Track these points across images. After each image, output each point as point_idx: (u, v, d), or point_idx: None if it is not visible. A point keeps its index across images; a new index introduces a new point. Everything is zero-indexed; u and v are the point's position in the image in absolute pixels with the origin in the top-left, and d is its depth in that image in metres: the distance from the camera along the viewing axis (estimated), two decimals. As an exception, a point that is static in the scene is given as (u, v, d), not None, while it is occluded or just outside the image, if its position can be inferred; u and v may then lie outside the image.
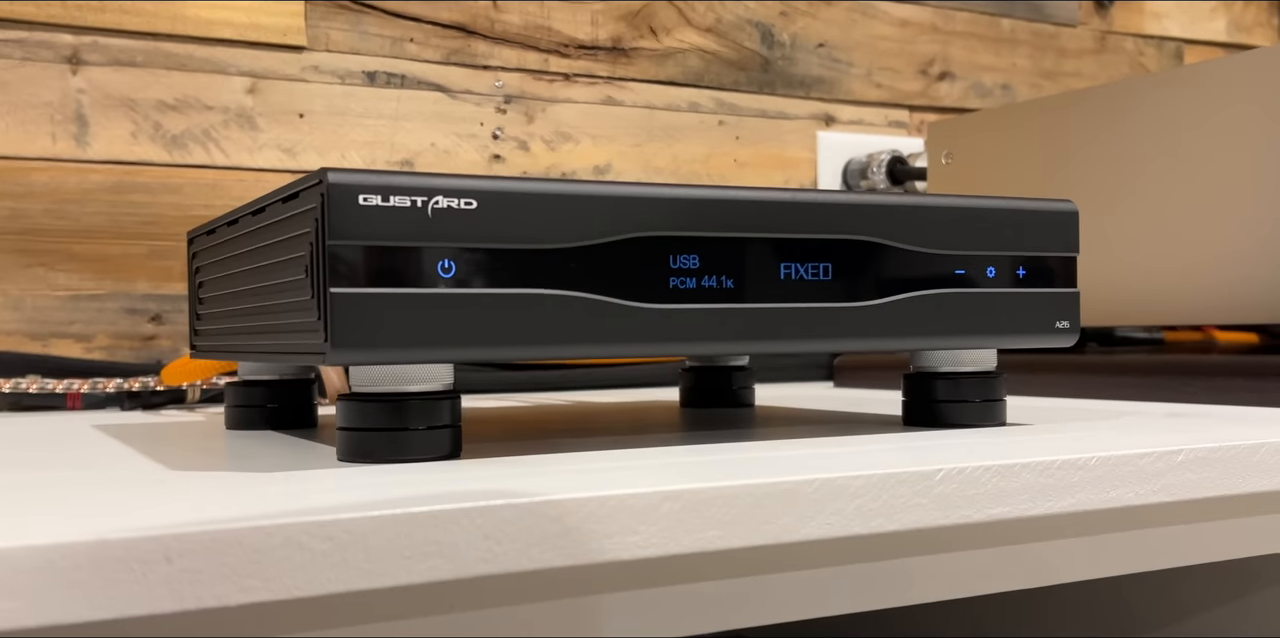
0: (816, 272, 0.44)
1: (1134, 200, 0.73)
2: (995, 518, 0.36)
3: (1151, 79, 0.72)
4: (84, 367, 0.75)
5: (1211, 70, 0.69)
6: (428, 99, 0.86)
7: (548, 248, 0.39)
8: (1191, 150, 0.70)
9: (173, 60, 0.79)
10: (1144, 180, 0.72)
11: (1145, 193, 0.72)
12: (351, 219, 0.36)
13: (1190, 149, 0.70)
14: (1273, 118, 0.65)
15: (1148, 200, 0.72)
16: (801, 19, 0.99)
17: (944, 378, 0.49)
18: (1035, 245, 0.48)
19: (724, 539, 0.32)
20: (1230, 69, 0.67)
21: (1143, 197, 0.72)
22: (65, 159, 0.77)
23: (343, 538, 0.28)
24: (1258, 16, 1.21)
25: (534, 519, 0.30)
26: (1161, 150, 0.71)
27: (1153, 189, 0.72)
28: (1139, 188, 0.73)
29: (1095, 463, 0.38)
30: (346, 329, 0.36)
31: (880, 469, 0.34)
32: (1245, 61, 0.67)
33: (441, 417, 0.39)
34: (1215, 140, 0.68)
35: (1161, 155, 0.71)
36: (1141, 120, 0.73)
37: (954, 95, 1.06)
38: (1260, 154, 0.66)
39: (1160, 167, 0.71)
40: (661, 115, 0.94)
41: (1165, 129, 0.71)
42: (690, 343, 0.42)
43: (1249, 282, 0.66)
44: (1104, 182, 0.75)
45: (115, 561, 0.25)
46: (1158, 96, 0.71)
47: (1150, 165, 0.72)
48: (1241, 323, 0.67)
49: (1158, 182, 0.72)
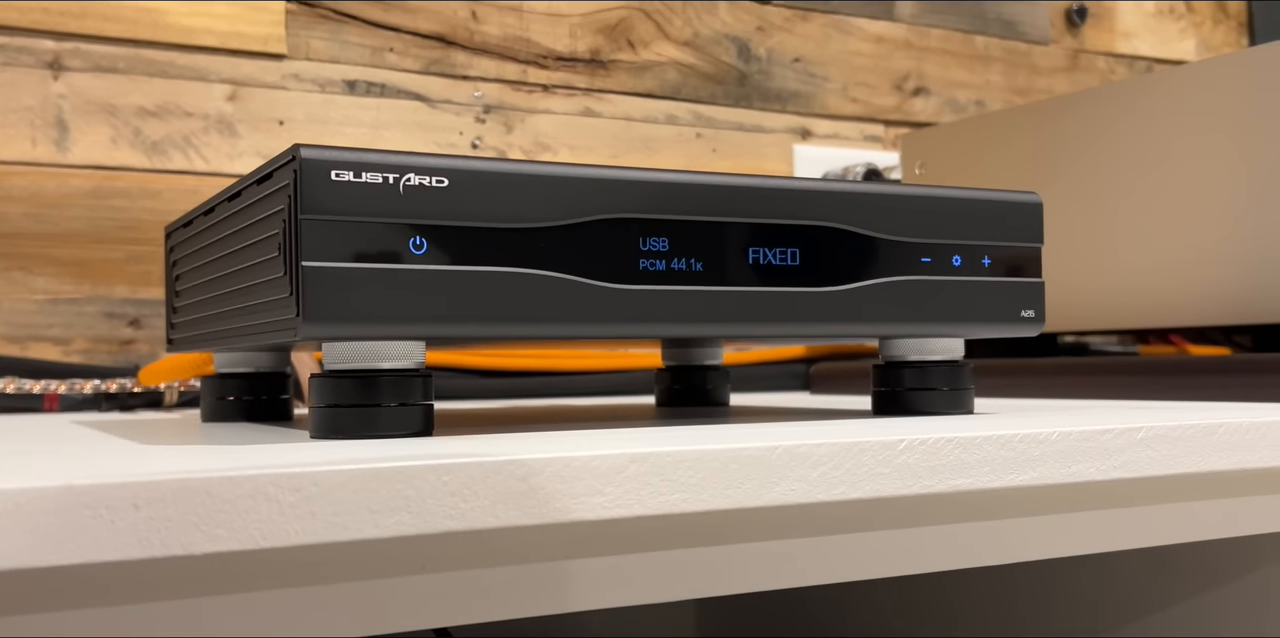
0: (785, 256, 0.44)
1: (1105, 206, 0.74)
2: (957, 489, 0.37)
3: (1120, 87, 0.73)
4: (62, 369, 0.75)
5: (1181, 77, 0.70)
6: (407, 108, 0.87)
7: (518, 227, 0.40)
8: (1162, 156, 0.71)
9: (154, 67, 0.80)
10: (1115, 187, 0.74)
11: (1116, 199, 0.73)
12: (324, 194, 0.37)
13: (1161, 155, 0.71)
14: (1241, 123, 0.67)
15: (1119, 206, 0.73)
16: (778, 34, 1.01)
17: (912, 367, 0.49)
18: (1001, 235, 0.49)
19: (688, 502, 0.33)
20: (1199, 75, 0.69)
21: (1114, 202, 0.74)
22: (45, 163, 0.77)
23: (310, 490, 0.28)
24: (1226, 37, 1.23)
25: (500, 478, 0.30)
26: (1132, 157, 0.73)
27: (1123, 195, 0.73)
28: (1110, 194, 0.74)
29: (1056, 437, 0.39)
30: (318, 303, 0.36)
31: (844, 438, 0.35)
32: (1213, 68, 0.68)
33: (414, 394, 0.40)
34: (1185, 146, 0.70)
35: (1132, 162, 0.73)
36: (1112, 127, 0.74)
37: (928, 111, 1.08)
38: (1228, 159, 0.67)
39: (1131, 173, 0.73)
40: (639, 127, 0.95)
41: (1136, 136, 0.72)
42: (658, 324, 0.42)
43: (1217, 284, 0.68)
44: (1075, 188, 0.76)
45: (83, 506, 0.26)
46: (1128, 104, 0.73)
47: (1121, 172, 0.73)
48: (1211, 324, 0.68)
49: (1128, 188, 0.73)
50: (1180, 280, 0.69)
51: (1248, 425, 0.42)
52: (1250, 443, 0.43)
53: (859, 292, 0.46)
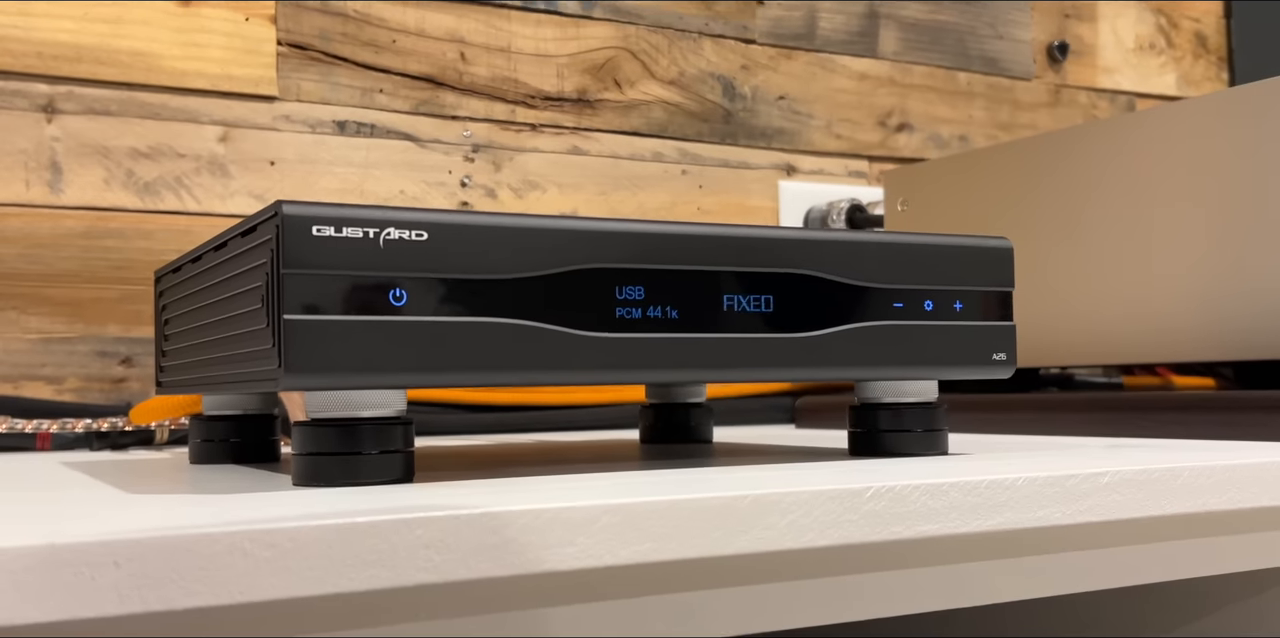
0: (759, 303, 0.45)
1: (1086, 243, 0.75)
2: (924, 535, 0.38)
3: (1101, 125, 0.74)
4: (54, 408, 0.76)
5: (1159, 116, 0.71)
6: (397, 148, 0.88)
7: (497, 278, 0.41)
8: (1142, 194, 0.72)
9: (146, 109, 0.81)
10: (1095, 223, 0.75)
11: (1097, 236, 0.75)
12: (305, 249, 0.38)
13: (1141, 193, 0.72)
14: (1221, 162, 0.68)
15: (1099, 243, 0.74)
16: (762, 72, 1.02)
17: (887, 409, 0.50)
18: (972, 280, 0.50)
19: (659, 551, 0.33)
20: (1180, 115, 0.70)
21: (1094, 239, 0.75)
22: (39, 205, 0.78)
23: (286, 546, 0.29)
24: (1206, 71, 1.25)
25: (473, 531, 0.31)
26: (1113, 194, 0.74)
27: (1104, 232, 0.74)
28: (1091, 231, 0.75)
29: (1022, 483, 0.39)
30: (299, 355, 0.37)
31: (811, 487, 0.36)
32: (1194, 107, 0.69)
33: (394, 442, 0.40)
34: (1166, 184, 0.71)
35: (1113, 199, 0.74)
36: (1094, 165, 0.75)
37: (912, 146, 1.09)
38: (1208, 197, 0.68)
39: (1112, 210, 0.74)
40: (626, 165, 0.96)
41: (1117, 174, 0.74)
42: (635, 371, 0.43)
43: (1196, 322, 0.69)
44: (1056, 225, 0.77)
45: (64, 564, 0.27)
46: (1109, 142, 0.74)
47: (1102, 209, 0.74)
48: (1190, 361, 0.69)
49: (1109, 224, 0.74)
50: (1159, 317, 0.70)
51: (1211, 469, 0.43)
52: (1214, 486, 0.43)
53: (832, 337, 0.47)
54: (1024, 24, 1.15)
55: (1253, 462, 0.45)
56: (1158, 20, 1.23)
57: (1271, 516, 0.46)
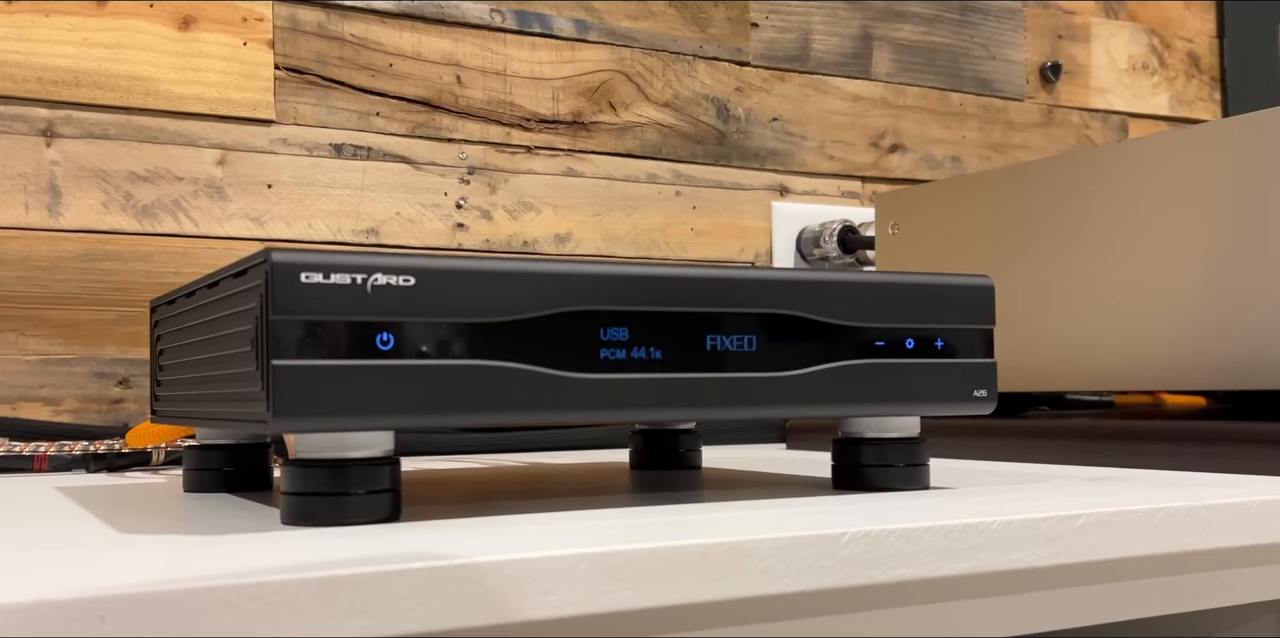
0: (741, 343, 0.46)
1: (1077, 269, 0.76)
2: (900, 579, 0.38)
3: (1093, 153, 0.75)
4: (52, 429, 0.77)
5: (1152, 145, 0.72)
6: (393, 170, 0.89)
7: (482, 322, 0.42)
8: (1133, 221, 0.73)
9: (144, 133, 0.82)
10: (1086, 250, 0.75)
11: (1087, 262, 0.75)
12: (294, 296, 0.39)
13: (1132, 220, 0.73)
14: (1212, 191, 0.69)
15: (1090, 269, 0.75)
16: (756, 94, 1.03)
17: (869, 443, 0.51)
18: (953, 318, 0.51)
19: (637, 599, 0.34)
20: (1170, 144, 0.71)
21: (1085, 265, 0.76)
22: (38, 228, 0.79)
23: (271, 598, 0.30)
24: (1199, 91, 1.26)
25: (454, 582, 0.32)
26: (1104, 221, 0.75)
27: (1095, 259, 0.75)
28: (1081, 257, 0.76)
29: (997, 527, 0.40)
30: (287, 400, 0.38)
31: (787, 532, 0.37)
32: (1184, 137, 0.70)
33: (381, 482, 0.41)
34: (1158, 213, 0.72)
35: (1104, 226, 0.75)
36: (1085, 192, 0.76)
37: (905, 167, 1.10)
38: (1196, 226, 0.69)
39: (1102, 237, 0.75)
40: (621, 186, 0.97)
41: (1108, 201, 0.74)
42: (620, 410, 0.44)
43: (1187, 350, 0.69)
44: (1047, 251, 0.78)
45: (52, 620, 0.27)
46: (1101, 169, 0.75)
47: (1093, 236, 0.75)
48: (1180, 389, 0.70)
49: (1100, 251, 0.75)
50: (1150, 345, 0.71)
51: (1186, 510, 0.44)
52: (1189, 527, 0.44)
53: (815, 376, 0.47)
54: (1017, 45, 1.16)
55: (1230, 502, 0.45)
56: (1150, 40, 1.24)
57: (1247, 554, 0.47)
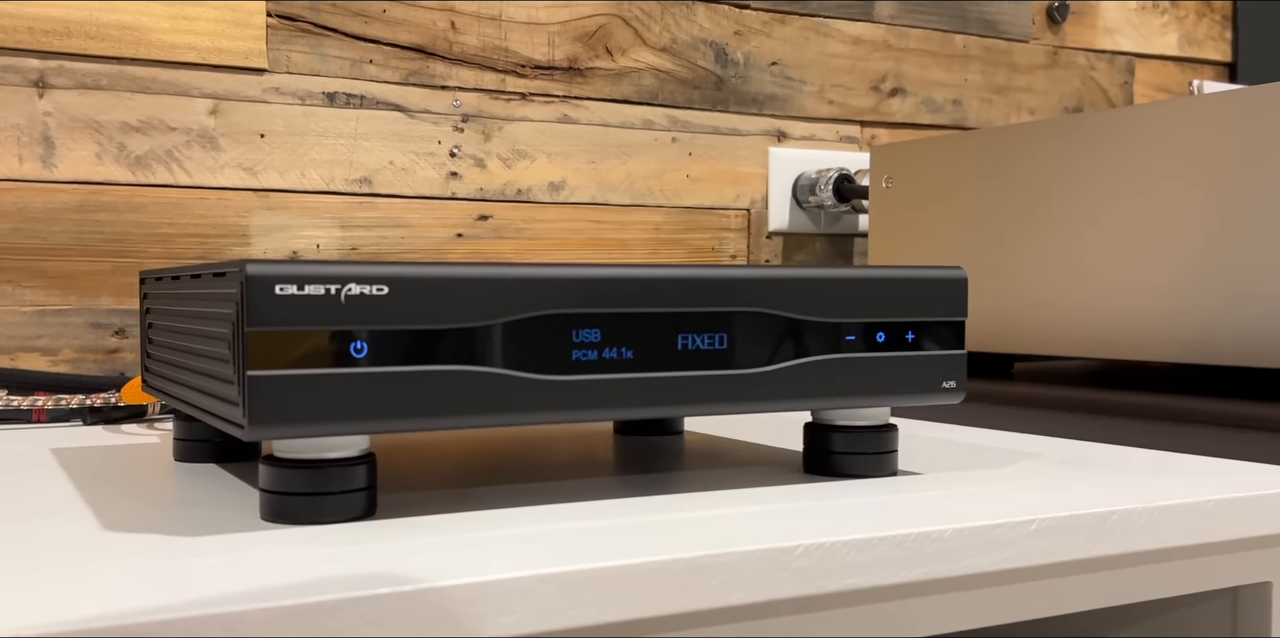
0: (712, 341, 0.47)
1: (1071, 232, 0.76)
2: (852, 588, 0.40)
3: (1098, 116, 0.75)
4: (50, 379, 0.78)
5: (1156, 111, 0.72)
6: (386, 118, 0.89)
7: (455, 327, 0.42)
8: (1133, 188, 0.73)
9: (137, 83, 0.82)
10: (1081, 213, 0.75)
11: (1081, 226, 0.75)
12: (268, 307, 0.40)
13: (1131, 187, 0.73)
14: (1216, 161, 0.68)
15: (1084, 233, 0.75)
16: (755, 38, 1.02)
17: (840, 431, 0.52)
18: (924, 311, 0.51)
19: (597, 615, 0.36)
20: (1174, 111, 0.70)
21: (1079, 229, 0.76)
22: (32, 180, 0.80)
23: (237, 628, 0.31)
24: (1209, 30, 1.24)
25: (416, 606, 0.33)
26: (1103, 186, 0.75)
27: (1089, 222, 0.75)
28: (1076, 221, 0.76)
29: (950, 535, 0.42)
30: (263, 409, 0.39)
31: (741, 547, 0.38)
32: (1194, 105, 0.70)
33: (357, 481, 0.43)
34: (1158, 180, 0.72)
35: (1102, 191, 0.75)
36: (1082, 157, 0.76)
37: (905, 111, 1.09)
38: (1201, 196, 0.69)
39: (1100, 202, 0.75)
40: (616, 133, 0.97)
41: (1109, 166, 0.74)
42: (593, 410, 0.45)
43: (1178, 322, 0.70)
44: (1040, 212, 0.78)
45: (30, 655, 0.29)
46: (1102, 134, 0.74)
47: (1089, 201, 0.75)
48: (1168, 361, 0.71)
49: (1096, 216, 0.75)
50: (1143, 315, 0.72)
51: (1140, 512, 0.45)
52: (1143, 528, 0.46)
53: (785, 371, 0.48)
54: (1025, -16, 1.14)
55: (1182, 503, 0.47)
56: (1163, -22, 1.21)
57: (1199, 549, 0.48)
